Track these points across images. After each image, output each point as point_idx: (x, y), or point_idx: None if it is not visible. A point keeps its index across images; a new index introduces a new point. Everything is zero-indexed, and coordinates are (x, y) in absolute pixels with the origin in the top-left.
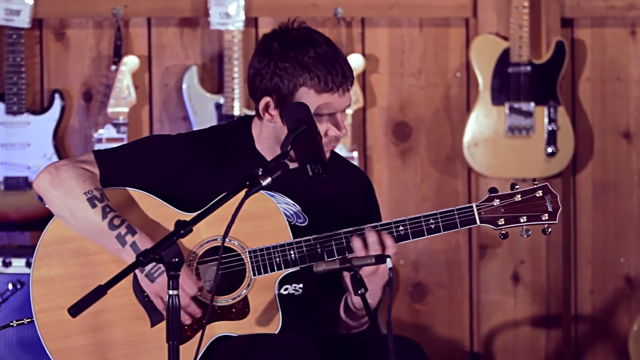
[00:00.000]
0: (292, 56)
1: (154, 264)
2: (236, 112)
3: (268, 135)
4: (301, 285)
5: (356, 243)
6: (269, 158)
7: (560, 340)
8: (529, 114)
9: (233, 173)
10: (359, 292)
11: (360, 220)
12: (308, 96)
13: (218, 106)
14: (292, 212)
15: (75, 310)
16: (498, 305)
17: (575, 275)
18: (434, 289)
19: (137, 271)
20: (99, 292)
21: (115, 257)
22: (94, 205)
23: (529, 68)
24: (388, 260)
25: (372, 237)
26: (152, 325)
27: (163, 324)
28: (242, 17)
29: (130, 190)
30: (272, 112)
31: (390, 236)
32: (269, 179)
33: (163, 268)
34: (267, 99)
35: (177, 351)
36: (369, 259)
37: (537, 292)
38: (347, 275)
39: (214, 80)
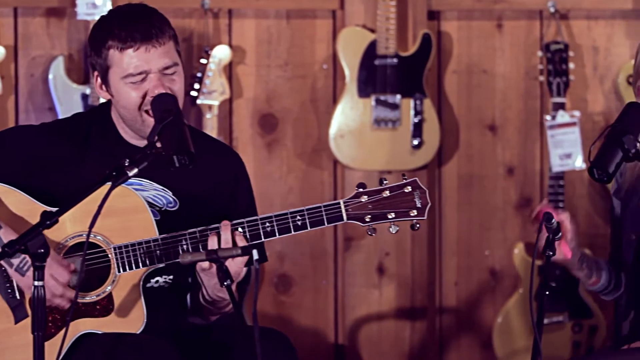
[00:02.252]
0: (100, 23)
1: (22, 258)
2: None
3: (117, 115)
4: (171, 277)
5: (210, 241)
6: (130, 139)
7: (425, 332)
8: (395, 106)
9: (99, 160)
10: (225, 283)
11: (229, 204)
12: (115, 57)
13: (84, 96)
14: (161, 198)
15: None
16: (363, 297)
17: (440, 267)
18: (299, 280)
19: (6, 267)
20: None
21: None
22: None
23: (395, 60)
24: (254, 251)
25: (225, 235)
26: (16, 322)
27: (27, 321)
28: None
29: None
30: (104, 88)
31: (243, 237)
32: (135, 170)
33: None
34: (95, 74)
35: (42, 342)
36: (235, 250)
37: (402, 284)
38: (204, 271)
39: (81, 70)
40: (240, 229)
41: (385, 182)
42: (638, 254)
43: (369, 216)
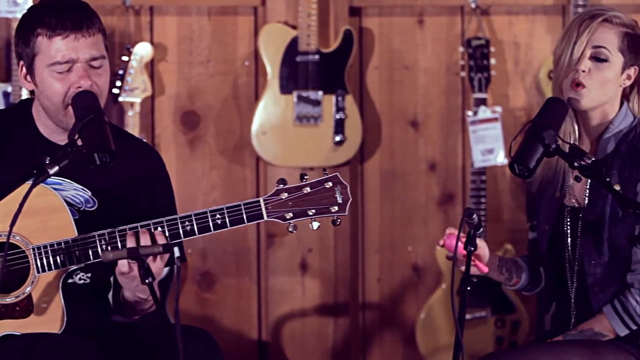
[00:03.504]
0: (30, 12)
1: None
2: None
3: (41, 108)
4: (89, 275)
5: (129, 241)
6: (50, 135)
7: (348, 328)
8: (317, 103)
9: (18, 157)
10: (147, 280)
11: (149, 205)
12: (43, 45)
13: (6, 94)
14: (81, 198)
15: None
16: (286, 294)
17: (363, 263)
18: (222, 277)
19: None
20: None
21: None
22: None
23: (317, 57)
24: (175, 249)
25: (144, 238)
26: None
27: None
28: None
29: None
30: (29, 78)
31: (164, 237)
32: (56, 168)
33: None
34: (20, 63)
35: None
36: (156, 248)
37: (325, 281)
38: (123, 275)
39: (2, 68)
40: (159, 228)
41: (306, 177)
42: (551, 245)
43: (290, 213)
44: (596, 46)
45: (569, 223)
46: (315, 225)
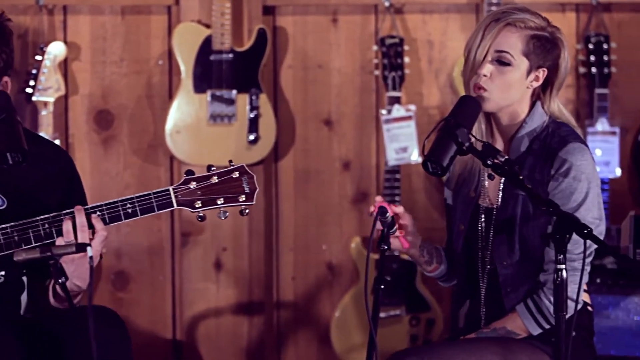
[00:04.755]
0: None
1: None
2: None
3: None
4: (3, 273)
5: (65, 225)
6: None
7: (263, 327)
8: (230, 102)
9: None
10: (60, 280)
11: (61, 203)
12: None
13: None
14: None
15: None
16: (200, 293)
17: (278, 262)
18: (136, 276)
19: None
20: None
21: None
22: None
23: (230, 56)
24: (88, 248)
25: (80, 218)
26: None
27: None
28: None
29: None
30: None
31: (100, 219)
32: None
33: None
34: None
35: None
36: (69, 247)
37: (240, 279)
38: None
39: None
40: (98, 212)
41: (213, 169)
42: (467, 244)
43: (199, 202)
44: (498, 50)
45: (483, 223)
46: (223, 215)
